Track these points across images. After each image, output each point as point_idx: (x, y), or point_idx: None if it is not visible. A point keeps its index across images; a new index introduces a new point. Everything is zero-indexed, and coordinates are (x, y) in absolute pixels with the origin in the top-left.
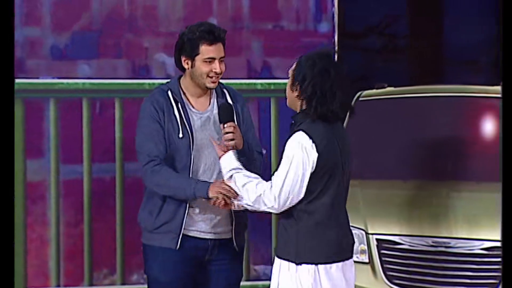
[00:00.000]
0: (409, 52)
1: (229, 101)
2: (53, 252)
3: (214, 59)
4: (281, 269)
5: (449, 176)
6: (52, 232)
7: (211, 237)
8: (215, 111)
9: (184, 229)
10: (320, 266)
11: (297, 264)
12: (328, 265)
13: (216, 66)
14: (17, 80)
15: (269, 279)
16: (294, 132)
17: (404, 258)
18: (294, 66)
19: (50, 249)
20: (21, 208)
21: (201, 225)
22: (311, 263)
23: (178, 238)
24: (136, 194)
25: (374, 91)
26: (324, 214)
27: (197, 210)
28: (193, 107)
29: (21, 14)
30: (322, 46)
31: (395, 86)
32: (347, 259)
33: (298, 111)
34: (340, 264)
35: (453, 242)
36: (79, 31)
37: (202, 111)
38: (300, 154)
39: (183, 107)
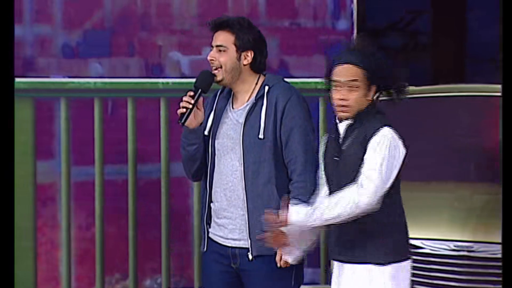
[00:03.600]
0: (431, 50)
1: (264, 97)
2: (64, 256)
3: (212, 47)
4: (373, 274)
5: (472, 178)
6: (63, 235)
7: (228, 244)
8: (248, 109)
9: (211, 233)
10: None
11: (386, 264)
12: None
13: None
14: (27, 79)
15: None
16: (377, 129)
17: (425, 263)
18: (348, 70)
19: (60, 253)
20: (31, 211)
21: (221, 230)
22: (401, 261)
23: (205, 240)
24: (149, 196)
25: None
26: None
27: (216, 212)
28: (232, 104)
29: (31, 12)
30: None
31: (416, 86)
32: None
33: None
34: None
35: (476, 246)
36: (91, 29)
37: (236, 109)
38: (393, 148)
39: (223, 104)
